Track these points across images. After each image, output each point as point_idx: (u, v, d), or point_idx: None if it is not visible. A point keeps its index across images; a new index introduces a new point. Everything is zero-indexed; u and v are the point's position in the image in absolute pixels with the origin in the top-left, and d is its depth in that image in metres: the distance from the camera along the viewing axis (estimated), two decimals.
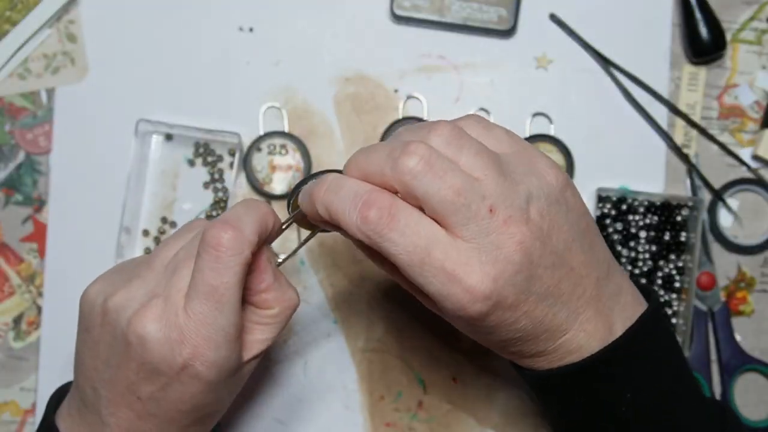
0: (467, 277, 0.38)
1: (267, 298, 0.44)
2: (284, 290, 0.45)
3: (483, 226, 0.38)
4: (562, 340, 0.41)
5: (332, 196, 0.40)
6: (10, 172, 0.60)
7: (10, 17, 0.59)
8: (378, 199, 0.39)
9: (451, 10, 0.59)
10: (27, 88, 0.60)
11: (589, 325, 0.42)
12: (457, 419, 0.58)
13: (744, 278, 0.59)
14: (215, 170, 0.59)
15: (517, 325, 0.40)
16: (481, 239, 0.38)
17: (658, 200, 0.58)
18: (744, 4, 0.60)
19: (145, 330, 0.40)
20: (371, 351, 0.59)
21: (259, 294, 0.44)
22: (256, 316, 0.45)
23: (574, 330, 0.41)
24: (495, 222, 0.38)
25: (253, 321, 0.45)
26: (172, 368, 0.41)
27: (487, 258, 0.38)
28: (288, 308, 0.45)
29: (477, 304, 0.38)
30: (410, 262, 0.38)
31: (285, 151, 0.60)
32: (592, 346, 0.42)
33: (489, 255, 0.38)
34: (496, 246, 0.38)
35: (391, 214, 0.38)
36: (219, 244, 0.40)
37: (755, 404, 0.59)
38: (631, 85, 0.60)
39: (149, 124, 0.58)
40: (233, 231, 0.41)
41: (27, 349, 0.59)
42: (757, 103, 0.60)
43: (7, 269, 0.59)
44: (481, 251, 0.38)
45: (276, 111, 0.60)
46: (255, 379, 0.58)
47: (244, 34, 0.60)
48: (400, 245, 0.38)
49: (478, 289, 0.38)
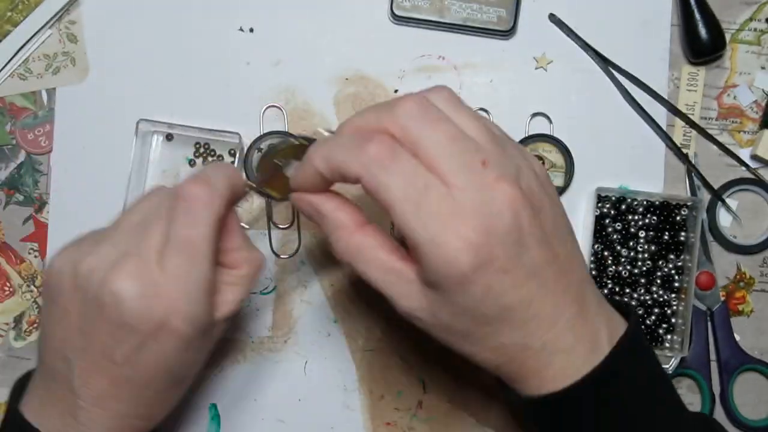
0: (461, 225, 0.37)
1: (237, 257, 0.45)
2: (251, 250, 0.46)
3: (476, 177, 0.38)
4: (550, 334, 0.40)
5: (332, 145, 0.41)
6: (10, 172, 0.60)
7: (11, 18, 0.59)
8: (379, 138, 0.39)
9: (450, 11, 0.59)
10: (28, 89, 0.60)
11: (576, 324, 0.41)
12: (457, 419, 0.58)
13: (743, 278, 0.60)
14: None
15: (505, 298, 0.39)
16: (473, 191, 0.38)
17: (658, 200, 0.58)
18: (743, 5, 0.61)
19: (120, 288, 0.41)
20: (371, 351, 0.59)
21: (229, 252, 0.45)
22: (226, 276, 0.45)
23: (561, 326, 0.40)
24: (487, 176, 0.38)
25: (224, 281, 0.45)
26: (147, 325, 0.41)
27: (479, 210, 0.38)
28: (256, 267, 0.46)
29: (469, 254, 0.37)
30: (406, 205, 0.38)
31: None
32: (579, 352, 0.41)
33: (481, 207, 0.38)
34: (489, 200, 0.38)
35: (393, 152, 0.38)
36: (192, 197, 0.42)
37: (754, 404, 0.59)
38: (630, 85, 0.60)
39: (149, 123, 0.58)
40: (205, 185, 0.43)
41: (27, 349, 0.59)
42: (756, 104, 0.60)
43: (8, 269, 0.60)
44: (474, 202, 0.38)
45: (276, 111, 0.60)
46: (255, 378, 0.58)
47: (244, 34, 0.60)
48: (398, 186, 0.38)
49: (470, 237, 0.37)
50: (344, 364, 0.59)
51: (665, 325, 0.58)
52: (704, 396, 0.58)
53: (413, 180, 0.38)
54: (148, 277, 0.41)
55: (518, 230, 0.38)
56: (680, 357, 0.58)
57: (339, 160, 0.40)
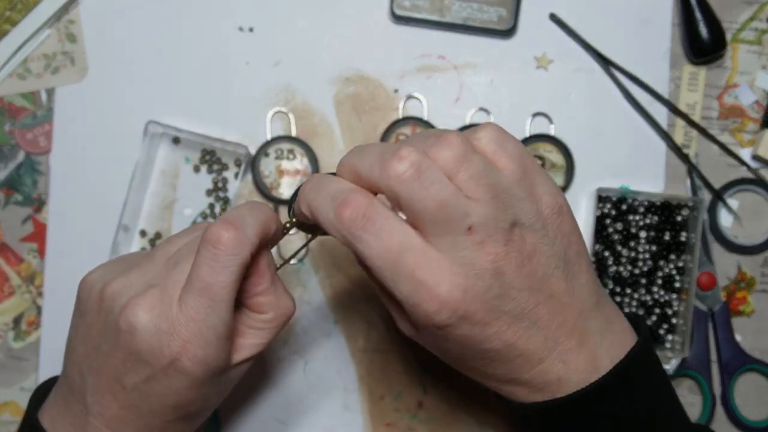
0: (436, 286, 0.38)
1: (262, 301, 0.44)
2: (280, 296, 0.45)
3: (459, 242, 0.38)
4: (538, 368, 0.41)
5: (313, 194, 0.41)
6: (10, 172, 0.60)
7: (10, 17, 0.59)
8: (355, 200, 0.39)
9: (451, 10, 0.59)
10: (27, 88, 0.60)
11: (570, 357, 0.41)
12: (457, 419, 0.58)
13: (744, 278, 0.59)
14: (220, 179, 0.59)
15: (487, 344, 0.40)
16: (454, 252, 0.38)
17: (658, 200, 0.58)
18: (744, 4, 0.60)
19: (136, 318, 0.41)
20: (371, 351, 0.59)
21: (254, 297, 0.44)
22: (249, 319, 0.45)
23: (552, 359, 0.41)
24: (471, 241, 0.38)
25: (246, 324, 0.45)
26: (159, 360, 0.41)
27: (458, 270, 0.38)
28: (282, 315, 0.45)
29: (443, 313, 0.38)
30: (382, 266, 0.38)
31: (293, 156, 0.60)
32: (573, 380, 0.41)
33: (461, 268, 0.38)
34: (469, 262, 0.38)
35: (366, 216, 0.39)
36: (219, 242, 0.40)
37: (755, 404, 0.59)
38: (631, 85, 0.60)
39: (159, 126, 0.58)
40: (234, 231, 0.41)
41: (27, 349, 0.59)
42: (757, 103, 0.60)
43: (7, 269, 0.59)
44: (453, 263, 0.38)
45: (282, 115, 0.60)
46: (255, 379, 0.58)
47: (244, 34, 0.60)
48: (372, 248, 0.38)
49: (445, 298, 0.38)
50: (344, 365, 0.59)
51: (666, 326, 0.58)
52: (705, 397, 0.58)
53: (388, 243, 0.38)
54: (166, 314, 0.41)
55: (500, 286, 0.39)
56: (681, 357, 0.58)
57: (318, 217, 0.41)
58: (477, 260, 0.38)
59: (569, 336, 0.41)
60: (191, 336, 0.41)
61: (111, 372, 0.42)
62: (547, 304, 0.40)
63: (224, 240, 0.41)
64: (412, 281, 0.38)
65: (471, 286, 0.38)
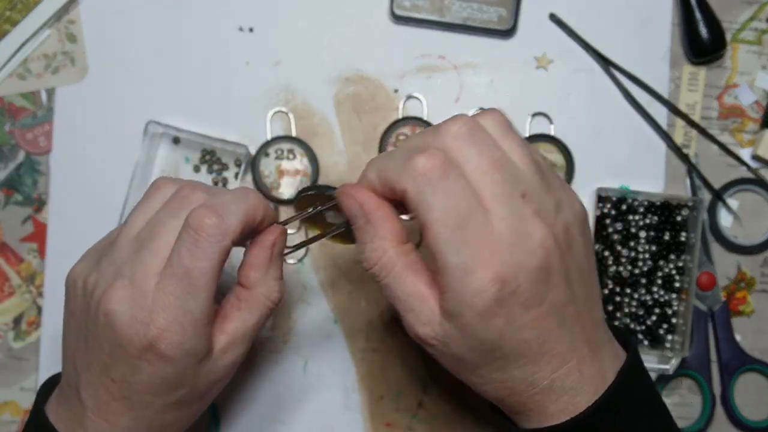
0: (493, 256, 0.37)
1: (251, 276, 0.44)
2: (270, 279, 0.45)
3: (514, 208, 0.38)
4: (558, 373, 0.40)
5: (386, 157, 0.40)
6: (10, 172, 0.60)
7: (10, 17, 0.59)
8: (431, 152, 0.38)
9: (451, 10, 0.59)
10: (27, 88, 0.60)
11: (584, 366, 0.40)
12: (457, 419, 0.58)
13: (744, 278, 0.59)
14: (220, 179, 0.59)
15: (525, 333, 0.39)
16: (510, 223, 0.38)
17: (658, 200, 0.58)
18: (744, 4, 0.60)
19: (111, 309, 0.41)
20: (371, 351, 0.59)
21: (246, 268, 0.44)
22: (234, 298, 0.45)
23: (570, 366, 0.40)
24: (525, 210, 0.38)
25: (233, 306, 0.44)
26: (137, 348, 0.41)
27: (513, 243, 0.37)
28: (265, 297, 0.45)
29: (497, 284, 0.37)
30: (444, 227, 0.37)
31: (293, 156, 0.60)
32: (585, 389, 0.40)
33: (516, 241, 0.38)
34: (524, 235, 0.38)
35: (444, 169, 0.38)
36: (200, 228, 0.41)
37: (755, 404, 0.59)
38: (631, 85, 0.60)
39: (159, 126, 0.58)
40: (217, 218, 0.41)
41: (27, 349, 0.59)
42: (757, 103, 0.60)
43: (7, 269, 0.59)
44: (510, 234, 0.37)
45: (282, 115, 0.60)
46: (255, 378, 0.58)
47: (244, 34, 0.60)
48: (440, 206, 0.37)
49: (500, 269, 0.37)
50: (344, 364, 0.59)
51: (666, 326, 0.58)
52: (705, 397, 0.58)
53: (457, 203, 0.37)
54: (141, 303, 0.41)
55: (547, 269, 0.38)
56: (681, 357, 0.58)
57: (390, 171, 0.39)
58: (531, 235, 0.38)
59: (585, 344, 0.40)
60: (168, 323, 0.40)
61: (99, 365, 0.42)
62: (573, 305, 0.40)
63: (206, 226, 0.41)
64: (470, 246, 0.37)
65: (524, 263, 0.38)
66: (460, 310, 0.38)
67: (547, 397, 0.40)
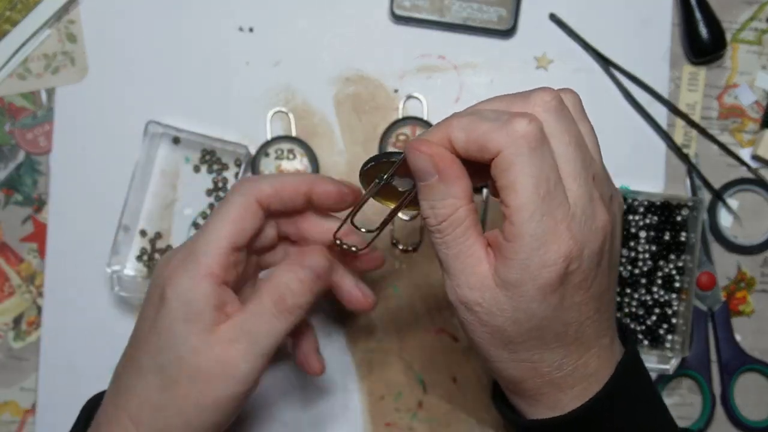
0: (567, 232, 0.37)
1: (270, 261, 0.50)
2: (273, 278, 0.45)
3: (588, 188, 0.38)
4: (584, 358, 0.40)
5: (475, 116, 0.38)
6: (10, 172, 0.60)
7: (10, 17, 0.59)
8: (531, 117, 0.37)
9: (451, 10, 0.59)
10: (27, 88, 0.60)
11: (603, 353, 0.41)
12: (457, 419, 0.58)
13: (744, 278, 0.59)
14: (220, 179, 0.59)
15: (569, 314, 0.39)
16: (584, 202, 0.38)
17: (658, 200, 0.58)
18: (744, 4, 0.60)
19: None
20: (371, 351, 0.59)
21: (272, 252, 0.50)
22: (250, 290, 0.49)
23: (593, 352, 0.41)
24: (594, 192, 0.38)
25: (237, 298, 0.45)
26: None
27: (584, 223, 0.38)
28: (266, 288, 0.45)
29: (564, 263, 0.37)
30: (535, 194, 0.37)
31: (293, 156, 0.59)
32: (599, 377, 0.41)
33: (586, 221, 0.38)
34: (592, 216, 0.38)
35: (543, 136, 0.37)
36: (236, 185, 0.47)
37: (755, 404, 0.59)
38: (631, 85, 0.60)
39: (159, 126, 0.58)
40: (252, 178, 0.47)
41: (27, 349, 0.59)
42: (757, 103, 0.60)
43: (7, 269, 0.59)
44: (583, 213, 0.38)
45: (282, 115, 0.60)
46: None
47: (244, 34, 0.60)
48: (536, 170, 0.37)
49: (570, 247, 0.37)
50: (344, 364, 0.59)
51: (666, 326, 0.58)
52: (705, 396, 0.58)
53: (549, 173, 0.37)
54: None
55: (600, 254, 0.39)
56: (681, 357, 0.58)
57: (482, 130, 0.37)
58: (597, 217, 0.38)
59: (607, 332, 0.41)
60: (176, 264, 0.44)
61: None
62: (608, 294, 0.41)
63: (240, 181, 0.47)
64: (551, 219, 0.37)
65: (590, 243, 0.38)
66: (522, 280, 0.37)
67: (565, 383, 0.41)
